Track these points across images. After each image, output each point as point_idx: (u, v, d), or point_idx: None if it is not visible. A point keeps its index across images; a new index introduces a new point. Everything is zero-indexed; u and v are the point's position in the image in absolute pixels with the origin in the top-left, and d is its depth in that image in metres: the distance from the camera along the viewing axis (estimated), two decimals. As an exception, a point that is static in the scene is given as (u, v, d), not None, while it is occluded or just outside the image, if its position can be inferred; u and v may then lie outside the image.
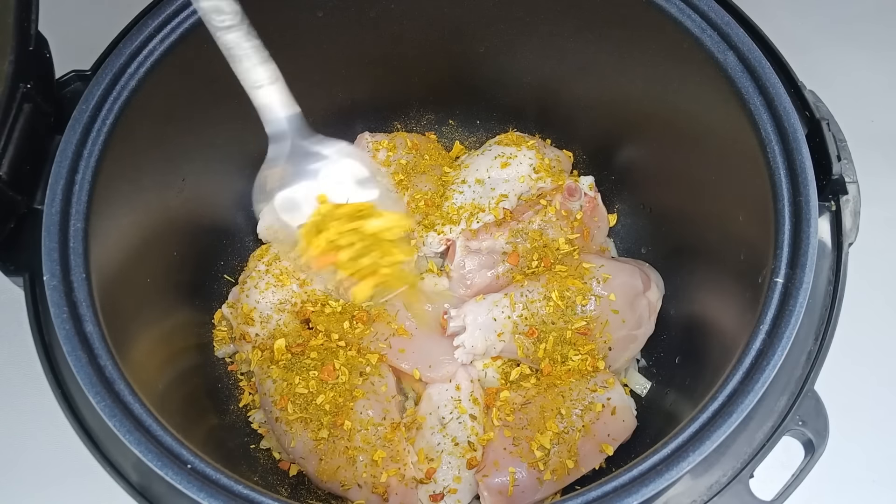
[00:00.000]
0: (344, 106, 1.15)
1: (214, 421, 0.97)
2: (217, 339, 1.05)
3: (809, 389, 0.78)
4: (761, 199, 0.79)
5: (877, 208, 1.12)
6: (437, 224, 1.06)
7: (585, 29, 0.98)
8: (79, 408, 0.78)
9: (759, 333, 0.73)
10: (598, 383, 0.95)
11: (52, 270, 0.75)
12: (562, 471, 0.89)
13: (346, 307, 1.02)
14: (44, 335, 0.81)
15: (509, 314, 0.98)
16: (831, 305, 0.82)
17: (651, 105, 0.99)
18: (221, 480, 0.69)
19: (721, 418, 0.69)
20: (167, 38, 0.86)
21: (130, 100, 0.83)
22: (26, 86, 0.80)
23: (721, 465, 0.76)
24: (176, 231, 0.98)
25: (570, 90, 1.10)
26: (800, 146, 0.78)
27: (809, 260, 0.74)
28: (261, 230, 1.10)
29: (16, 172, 0.79)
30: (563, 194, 1.07)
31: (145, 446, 0.69)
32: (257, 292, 1.02)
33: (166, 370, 0.88)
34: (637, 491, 0.67)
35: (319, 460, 0.90)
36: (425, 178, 1.11)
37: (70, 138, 0.80)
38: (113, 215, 0.82)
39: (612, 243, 1.14)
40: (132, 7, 0.91)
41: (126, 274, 0.85)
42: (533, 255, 1.04)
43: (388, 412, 0.93)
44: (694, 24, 0.85)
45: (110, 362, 0.72)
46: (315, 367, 0.95)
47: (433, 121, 1.22)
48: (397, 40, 1.06)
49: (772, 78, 0.81)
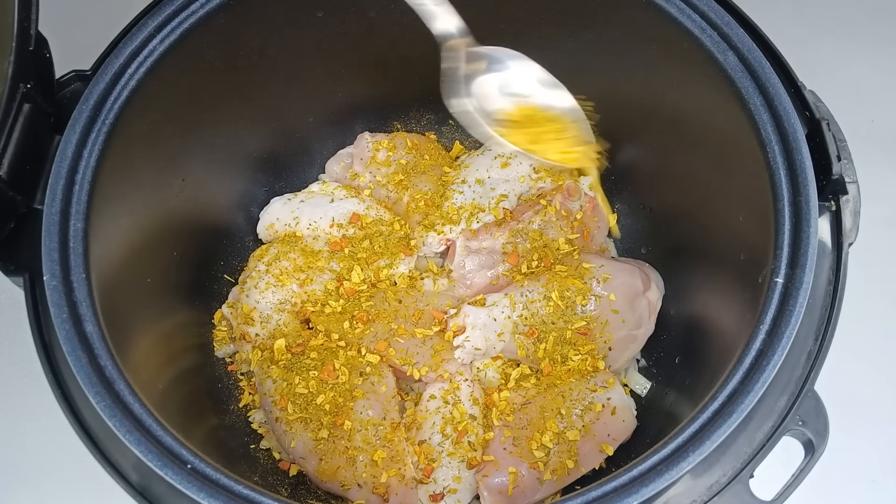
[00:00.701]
0: (344, 106, 1.15)
1: (214, 421, 0.97)
2: (217, 339, 1.05)
3: (809, 389, 0.78)
4: (761, 199, 0.79)
5: (877, 208, 1.13)
6: (437, 224, 1.06)
7: (585, 29, 0.98)
8: (79, 408, 0.78)
9: (759, 333, 0.73)
10: (598, 383, 0.95)
11: (52, 270, 0.75)
12: (562, 471, 0.89)
13: (346, 307, 1.02)
14: (44, 335, 0.81)
15: (509, 314, 0.98)
16: (831, 305, 0.82)
17: (651, 105, 0.99)
18: (221, 480, 0.69)
19: (721, 418, 0.69)
20: (167, 38, 0.86)
21: (130, 100, 0.83)
22: (26, 86, 0.80)
23: (721, 465, 0.76)
24: (176, 231, 0.98)
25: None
26: (800, 146, 0.78)
27: (809, 260, 0.74)
28: (261, 230, 1.11)
29: (16, 172, 0.79)
30: (563, 194, 1.07)
31: (145, 446, 0.69)
32: (257, 292, 1.02)
33: (166, 370, 0.88)
34: (637, 491, 0.67)
35: (319, 460, 0.90)
36: (425, 178, 1.11)
37: (70, 138, 0.80)
38: (113, 215, 0.82)
39: (612, 243, 1.14)
40: (132, 7, 0.91)
41: (126, 274, 0.85)
42: (533, 255, 1.04)
43: (388, 412, 0.93)
44: (694, 24, 0.85)
45: (110, 362, 0.72)
46: (315, 367, 0.95)
47: (433, 121, 1.22)
48: (397, 40, 1.06)
49: (772, 78, 0.81)
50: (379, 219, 1.09)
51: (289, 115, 1.12)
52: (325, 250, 1.06)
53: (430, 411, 0.95)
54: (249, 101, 1.03)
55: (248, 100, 1.03)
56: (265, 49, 0.99)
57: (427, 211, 1.08)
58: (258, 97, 1.03)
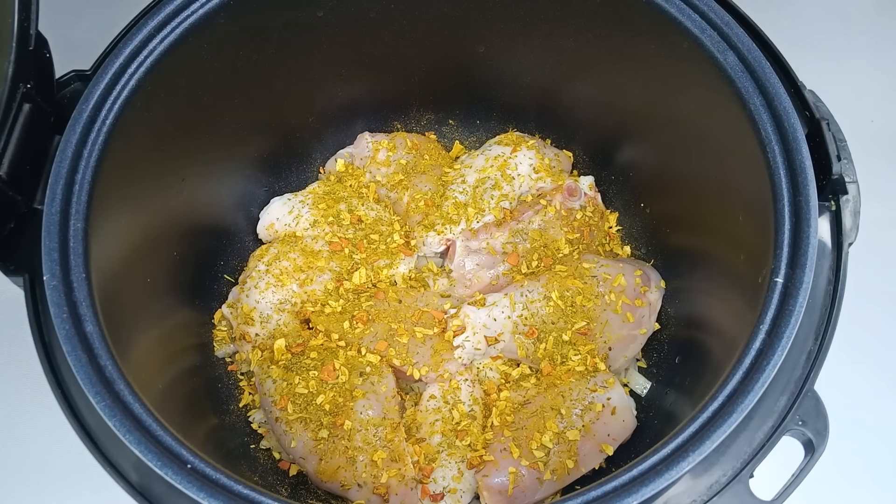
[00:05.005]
0: (344, 106, 1.15)
1: (214, 421, 0.97)
2: (217, 339, 1.05)
3: (809, 389, 0.78)
4: (761, 199, 0.79)
5: (877, 208, 1.13)
6: (437, 224, 1.06)
7: (585, 29, 0.98)
8: (79, 408, 0.78)
9: (759, 333, 0.73)
10: (598, 383, 0.95)
11: (52, 270, 0.75)
12: (562, 471, 0.89)
13: (346, 307, 1.02)
14: (44, 335, 0.81)
15: (509, 314, 0.98)
16: (831, 305, 0.82)
17: (651, 105, 0.99)
18: (221, 480, 0.69)
19: (721, 418, 0.69)
20: (167, 38, 0.86)
21: (130, 100, 0.84)
22: (26, 86, 0.80)
23: (721, 465, 0.76)
24: (176, 231, 0.98)
25: (570, 90, 1.10)
26: (800, 146, 0.78)
27: (809, 260, 0.74)
28: (261, 230, 1.11)
29: (16, 172, 0.79)
30: (563, 194, 1.07)
31: (145, 446, 0.69)
32: (257, 292, 1.02)
33: (166, 370, 0.88)
34: (637, 491, 0.67)
35: (319, 460, 0.90)
36: (425, 178, 1.11)
37: (70, 138, 0.80)
38: (113, 215, 0.82)
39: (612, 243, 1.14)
40: (132, 7, 0.91)
41: (126, 274, 0.85)
42: (533, 256, 1.04)
43: (388, 412, 0.93)
44: (694, 24, 0.85)
45: (110, 362, 0.72)
46: (315, 367, 0.95)
47: (433, 121, 1.22)
48: (397, 40, 1.06)
49: (772, 78, 0.81)
50: (379, 219, 1.09)
51: (289, 115, 1.12)
52: (325, 250, 1.06)
53: (430, 411, 0.95)
54: (249, 100, 1.03)
55: (248, 100, 1.02)
56: (265, 49, 0.99)
57: (427, 211, 1.08)
58: (258, 97, 1.03)
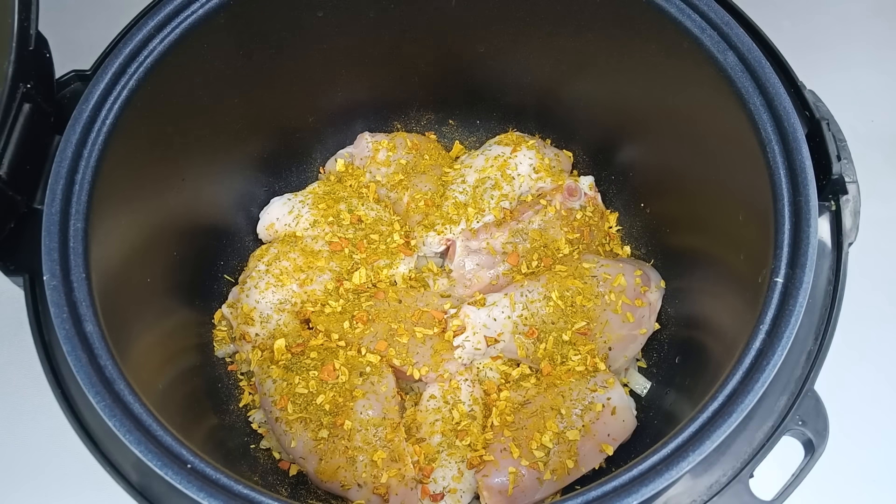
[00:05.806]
0: (344, 106, 1.15)
1: (214, 421, 0.97)
2: (217, 339, 1.05)
3: (809, 389, 0.78)
4: (761, 199, 0.79)
5: (877, 208, 1.13)
6: (437, 224, 1.06)
7: (585, 29, 0.98)
8: (79, 408, 0.79)
9: (758, 333, 0.73)
10: (598, 383, 0.95)
11: (52, 270, 0.75)
12: (562, 471, 0.89)
13: (346, 307, 1.02)
14: (44, 335, 0.81)
15: (509, 314, 0.98)
16: (831, 305, 0.82)
17: (651, 105, 0.99)
18: (221, 480, 0.69)
19: (721, 418, 0.69)
20: (167, 38, 0.86)
21: (130, 100, 0.84)
22: (26, 86, 0.80)
23: (721, 465, 0.76)
24: (176, 231, 0.98)
25: (570, 90, 1.10)
26: (800, 146, 0.78)
27: (809, 260, 0.74)
28: (261, 230, 1.11)
29: (16, 172, 0.79)
30: (563, 194, 1.07)
31: (145, 446, 0.69)
32: (257, 292, 1.02)
33: (166, 370, 0.88)
34: (637, 491, 0.67)
35: (319, 460, 0.90)
36: (425, 178, 1.11)
37: (70, 138, 0.80)
38: (113, 215, 0.82)
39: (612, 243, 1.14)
40: (132, 7, 0.91)
41: (126, 274, 0.85)
42: (533, 256, 1.04)
43: (388, 412, 0.93)
44: (694, 23, 0.85)
45: (110, 362, 0.72)
46: (315, 367, 0.95)
47: (433, 121, 1.22)
48: (397, 40, 1.06)
49: (772, 78, 0.81)
50: (379, 219, 1.09)
51: (289, 115, 1.12)
52: (325, 250, 1.06)
53: (430, 411, 0.95)
54: (249, 100, 1.03)
55: (248, 100, 1.03)
56: (265, 49, 0.99)
57: (427, 211, 1.08)
58: (258, 97, 1.03)
